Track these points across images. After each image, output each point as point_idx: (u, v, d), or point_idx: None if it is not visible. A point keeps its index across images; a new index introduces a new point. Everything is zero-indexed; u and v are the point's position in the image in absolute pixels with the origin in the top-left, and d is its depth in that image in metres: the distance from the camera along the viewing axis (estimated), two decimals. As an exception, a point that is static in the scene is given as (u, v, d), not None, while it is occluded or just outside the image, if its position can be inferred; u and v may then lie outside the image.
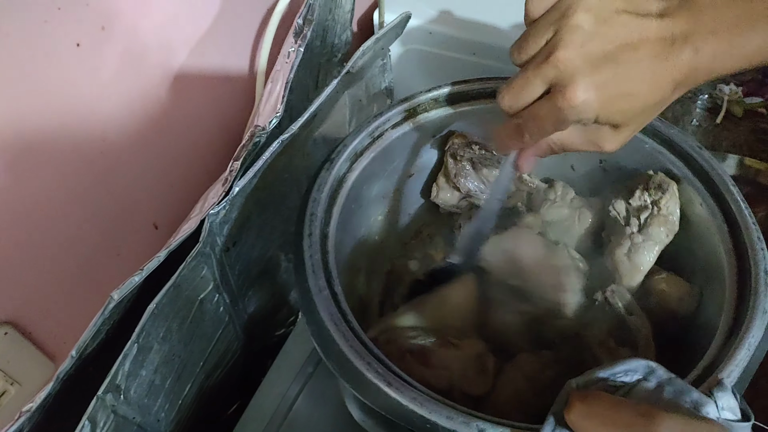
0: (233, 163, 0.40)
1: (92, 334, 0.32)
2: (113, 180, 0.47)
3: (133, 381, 0.38)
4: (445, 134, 0.56)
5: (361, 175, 0.49)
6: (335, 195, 0.46)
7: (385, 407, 0.34)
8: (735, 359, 0.35)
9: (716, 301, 0.41)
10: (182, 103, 0.52)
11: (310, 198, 0.44)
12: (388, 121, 0.51)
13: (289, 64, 0.44)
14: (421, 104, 0.52)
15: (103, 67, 0.43)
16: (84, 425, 0.33)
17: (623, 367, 0.30)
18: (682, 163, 0.48)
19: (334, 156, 0.47)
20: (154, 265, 0.35)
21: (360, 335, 0.37)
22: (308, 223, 0.43)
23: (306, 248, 0.41)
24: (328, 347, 0.37)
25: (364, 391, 0.35)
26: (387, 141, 0.51)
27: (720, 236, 0.43)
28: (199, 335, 0.47)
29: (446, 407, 0.33)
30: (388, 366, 0.36)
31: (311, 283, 0.39)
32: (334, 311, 0.38)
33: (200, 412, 0.55)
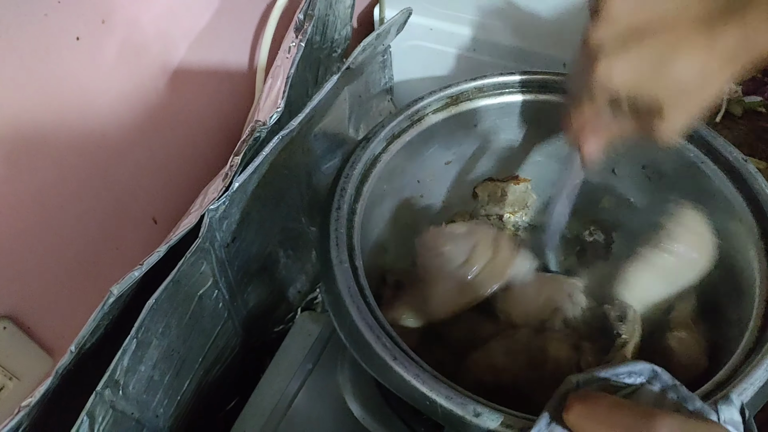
0: (234, 158, 0.39)
1: (91, 329, 0.32)
2: (112, 174, 0.47)
3: (132, 376, 0.38)
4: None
5: (396, 156, 0.49)
6: (368, 173, 0.47)
7: (389, 381, 0.35)
8: (751, 378, 0.34)
9: (743, 319, 0.40)
10: (182, 97, 0.52)
11: (342, 174, 0.45)
12: (429, 105, 0.51)
13: (290, 60, 0.44)
14: (464, 92, 0.52)
15: (102, 61, 0.43)
16: (82, 420, 0.33)
17: (627, 368, 0.30)
18: (724, 176, 0.45)
19: (370, 135, 0.48)
20: (154, 260, 0.35)
21: (374, 309, 0.38)
22: (338, 198, 0.43)
23: (333, 221, 0.42)
24: (342, 317, 0.38)
25: (371, 362, 0.36)
26: (426, 125, 0.51)
27: (756, 253, 0.42)
28: (198, 331, 0.47)
29: (447, 387, 0.34)
30: (397, 341, 0.37)
31: (333, 255, 0.40)
32: (352, 284, 0.39)
33: (199, 407, 0.54)
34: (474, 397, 0.33)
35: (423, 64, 0.69)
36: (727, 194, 0.45)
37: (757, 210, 0.43)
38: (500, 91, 0.52)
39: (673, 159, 0.49)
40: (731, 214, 0.45)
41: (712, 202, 0.46)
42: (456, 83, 0.51)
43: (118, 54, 0.44)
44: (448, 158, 0.56)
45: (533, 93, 0.52)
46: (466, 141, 0.55)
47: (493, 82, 0.52)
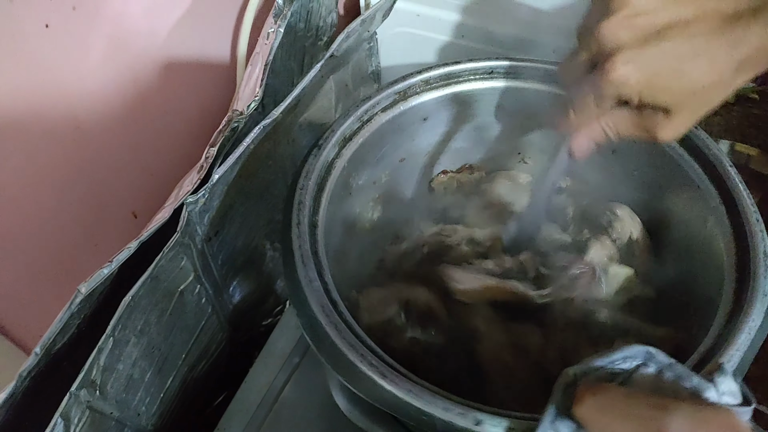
0: (209, 149, 0.38)
1: (58, 330, 0.31)
2: (89, 168, 0.46)
3: (109, 376, 0.37)
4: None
5: (350, 161, 0.47)
6: (324, 182, 0.45)
7: (380, 400, 0.33)
8: (735, 343, 0.34)
9: (715, 284, 0.40)
10: (161, 88, 0.50)
11: (298, 185, 0.43)
12: (377, 104, 0.49)
13: (269, 46, 0.43)
14: (411, 86, 0.50)
15: (75, 49, 0.41)
16: (57, 422, 0.32)
17: (622, 354, 0.30)
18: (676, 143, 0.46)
19: (321, 142, 0.46)
20: (124, 257, 0.33)
21: (352, 326, 0.36)
22: (296, 212, 0.41)
23: (294, 238, 0.40)
24: (320, 340, 0.36)
25: (358, 383, 0.34)
26: (377, 125, 0.49)
27: (717, 218, 0.42)
28: (180, 327, 0.46)
29: (443, 398, 0.32)
30: (382, 357, 0.35)
31: (301, 274, 0.38)
32: (326, 302, 0.37)
33: (185, 404, 0.54)
34: (473, 405, 0.32)
35: (410, 50, 0.67)
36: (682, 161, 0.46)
37: (713, 175, 0.44)
38: (446, 81, 0.51)
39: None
40: (690, 186, 0.45)
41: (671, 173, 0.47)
42: (402, 78, 0.50)
43: (92, 43, 0.42)
44: (401, 155, 0.54)
45: (480, 81, 0.52)
46: (417, 136, 0.54)
47: (438, 74, 0.51)
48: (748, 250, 0.39)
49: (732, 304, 0.37)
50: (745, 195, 0.42)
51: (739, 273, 0.38)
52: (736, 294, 0.37)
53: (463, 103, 0.53)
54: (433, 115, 0.53)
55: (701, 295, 0.43)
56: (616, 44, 0.31)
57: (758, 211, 0.41)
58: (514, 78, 0.52)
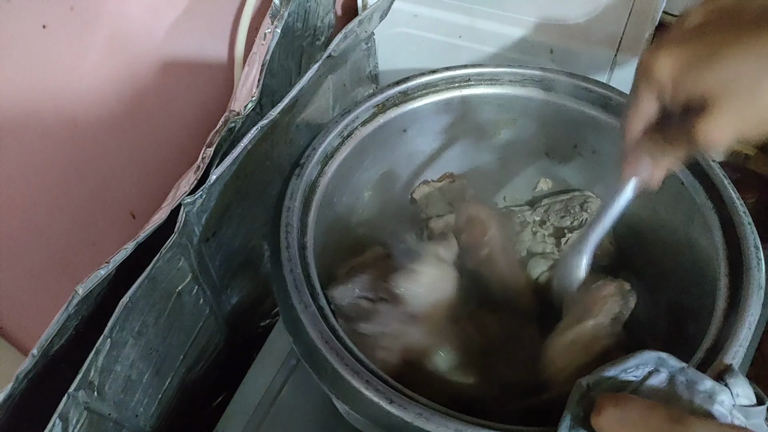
0: (206, 149, 0.38)
1: (56, 331, 0.31)
2: (87, 167, 0.46)
3: (107, 377, 0.37)
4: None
5: (333, 178, 0.46)
6: (309, 202, 0.44)
7: (389, 425, 0.32)
8: (737, 339, 0.34)
9: (710, 281, 0.40)
10: (159, 89, 0.50)
11: (284, 207, 0.41)
12: (357, 118, 0.48)
13: (265, 46, 0.43)
14: (389, 98, 0.50)
15: (72, 50, 0.41)
16: (55, 423, 0.32)
17: (634, 361, 0.30)
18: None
19: (303, 161, 0.45)
20: (121, 258, 0.33)
21: (354, 351, 0.35)
22: (284, 235, 0.40)
23: (285, 262, 0.38)
24: (321, 367, 0.34)
25: (365, 409, 0.33)
26: (358, 139, 0.48)
27: (705, 213, 0.42)
28: (177, 328, 0.46)
29: (453, 420, 0.32)
30: (387, 381, 0.34)
31: (295, 301, 0.36)
32: (324, 328, 0.35)
33: (183, 405, 0.54)
34: (486, 424, 0.32)
35: (408, 51, 0.67)
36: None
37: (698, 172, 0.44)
38: (424, 91, 0.51)
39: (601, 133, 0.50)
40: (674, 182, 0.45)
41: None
42: (380, 90, 0.50)
43: (90, 43, 0.42)
44: (383, 169, 0.54)
45: (457, 89, 0.51)
46: (398, 148, 0.53)
47: (416, 84, 0.50)
48: (738, 243, 0.39)
49: (728, 299, 0.37)
50: (730, 189, 0.42)
51: (732, 267, 0.39)
52: (731, 289, 0.38)
53: (441, 112, 0.53)
54: (411, 126, 0.52)
55: (694, 293, 0.43)
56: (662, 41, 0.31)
57: (744, 204, 0.41)
58: (491, 85, 0.52)
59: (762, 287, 0.37)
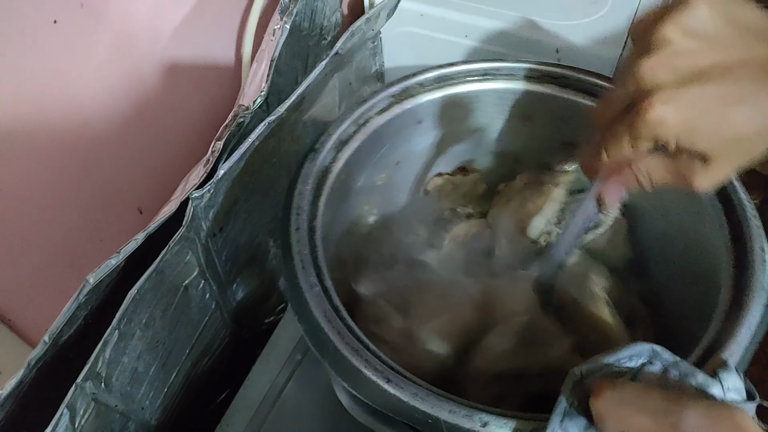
0: (215, 143, 0.38)
1: (66, 319, 0.31)
2: (95, 163, 0.46)
3: (114, 368, 0.37)
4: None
5: (346, 164, 0.47)
6: (321, 186, 0.45)
7: (386, 404, 0.33)
8: (737, 338, 0.34)
9: (714, 280, 0.40)
10: (167, 87, 0.51)
11: (296, 191, 0.43)
12: (373, 107, 0.49)
13: (274, 42, 0.43)
14: (407, 89, 0.50)
15: (82, 46, 0.42)
16: (62, 413, 0.33)
17: (628, 351, 0.30)
18: None
19: (318, 146, 0.46)
20: (131, 248, 0.34)
21: (355, 331, 0.36)
22: (294, 217, 0.41)
23: (294, 243, 0.40)
24: (323, 345, 0.36)
25: (363, 388, 0.34)
26: (372, 128, 0.49)
27: (714, 214, 0.42)
28: (184, 322, 0.46)
29: (448, 401, 0.32)
30: (386, 362, 0.35)
31: (302, 280, 0.38)
32: (327, 308, 0.37)
33: (188, 400, 0.54)
34: (479, 407, 0.32)
35: (414, 50, 0.68)
36: None
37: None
38: (441, 84, 0.51)
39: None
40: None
41: None
42: (397, 81, 0.50)
43: (99, 39, 0.43)
44: (397, 158, 0.54)
45: (475, 82, 0.52)
46: (413, 138, 0.54)
47: (433, 76, 0.51)
48: (745, 244, 0.39)
49: (731, 299, 0.37)
50: (740, 190, 0.42)
51: (737, 268, 0.39)
52: (735, 289, 0.38)
53: (457, 105, 0.53)
54: (427, 118, 0.53)
55: (698, 291, 0.43)
56: (655, 83, 0.30)
57: (754, 206, 0.41)
58: (508, 79, 0.52)
59: (766, 288, 0.37)
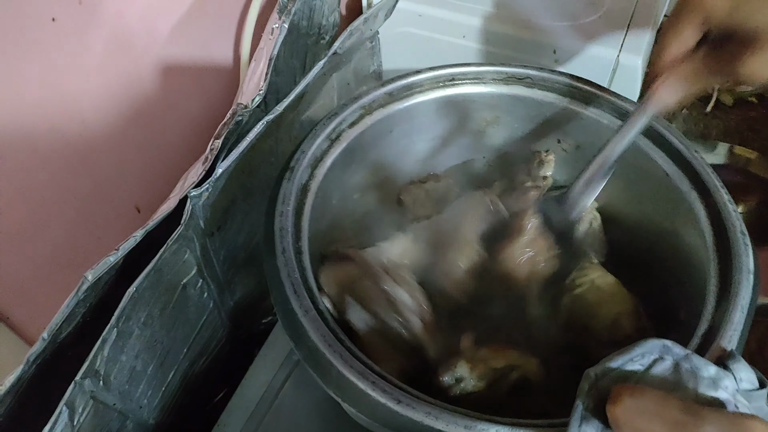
0: (214, 141, 0.39)
1: (65, 316, 0.31)
2: (93, 161, 0.46)
3: (113, 366, 0.37)
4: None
5: (324, 181, 0.46)
6: (301, 206, 0.43)
7: (397, 425, 0.32)
8: (732, 322, 0.35)
9: (699, 268, 0.41)
10: (165, 84, 0.51)
11: (276, 212, 0.41)
12: (344, 121, 0.48)
13: (273, 41, 0.43)
14: (375, 100, 0.50)
15: (81, 45, 0.42)
16: (61, 411, 0.32)
17: (639, 349, 0.30)
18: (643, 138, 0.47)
19: (293, 164, 0.45)
20: (130, 245, 0.34)
21: (357, 354, 0.35)
22: (279, 240, 0.40)
23: (282, 267, 0.38)
24: (326, 371, 0.34)
25: (372, 411, 0.33)
26: (345, 142, 0.48)
27: (690, 202, 0.43)
28: (182, 321, 0.46)
29: (463, 417, 0.32)
30: (393, 382, 0.34)
31: (295, 305, 0.36)
32: (326, 331, 0.35)
33: (185, 399, 0.54)
34: (496, 420, 0.32)
35: (412, 51, 0.68)
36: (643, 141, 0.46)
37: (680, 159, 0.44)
38: (409, 92, 0.51)
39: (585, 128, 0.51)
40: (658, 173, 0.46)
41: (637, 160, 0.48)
42: (366, 92, 0.50)
43: (97, 38, 0.43)
44: (371, 170, 0.54)
45: (442, 89, 0.52)
46: (385, 149, 0.53)
47: (401, 85, 0.51)
48: (725, 229, 0.40)
49: (718, 285, 0.38)
50: (713, 177, 0.43)
51: (720, 254, 0.39)
52: (721, 275, 0.38)
53: (427, 112, 0.53)
54: (397, 127, 0.53)
55: (683, 280, 0.44)
56: None
57: (727, 191, 0.42)
58: (476, 84, 0.52)
59: (751, 271, 0.37)
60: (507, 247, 0.46)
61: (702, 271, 0.40)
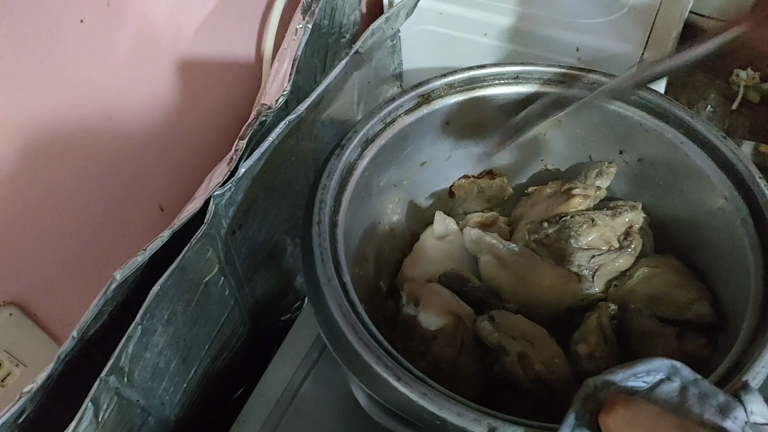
0: (239, 142, 0.39)
1: (94, 315, 0.32)
2: (119, 161, 0.47)
3: (137, 363, 0.38)
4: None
5: (371, 162, 0.48)
6: (345, 182, 0.45)
7: (394, 402, 0.33)
8: (762, 360, 0.33)
9: (741, 297, 0.39)
10: (189, 84, 0.51)
11: (320, 185, 0.43)
12: (401, 107, 0.49)
13: (297, 41, 0.43)
14: (435, 90, 0.51)
15: (108, 45, 0.42)
16: (87, 407, 0.33)
17: (645, 366, 0.29)
18: (704, 154, 0.46)
19: (344, 142, 0.46)
20: (157, 245, 0.34)
21: (369, 327, 0.36)
22: (317, 211, 0.42)
23: (315, 236, 0.40)
24: (337, 339, 0.36)
25: (373, 384, 0.34)
26: (399, 127, 0.49)
27: (745, 230, 0.41)
28: (204, 318, 0.47)
29: (457, 403, 0.32)
30: (398, 359, 0.35)
31: (320, 273, 0.38)
32: (343, 302, 0.37)
33: (206, 396, 0.54)
34: (487, 411, 0.32)
35: (433, 49, 0.67)
36: (710, 172, 0.45)
37: (741, 186, 0.43)
38: (470, 86, 0.51)
39: (649, 142, 0.49)
40: (715, 192, 0.45)
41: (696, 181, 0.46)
42: (426, 81, 0.50)
43: (125, 39, 0.43)
44: (422, 159, 0.54)
45: (504, 86, 0.52)
46: (439, 140, 0.54)
47: (462, 78, 0.51)
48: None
49: (758, 319, 0.36)
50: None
51: (766, 287, 0.38)
52: (763, 310, 0.37)
53: (486, 107, 0.53)
54: (456, 119, 0.53)
55: (729, 309, 0.43)
56: None
57: None
58: (539, 84, 0.52)
59: None
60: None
61: (746, 302, 0.38)
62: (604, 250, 0.48)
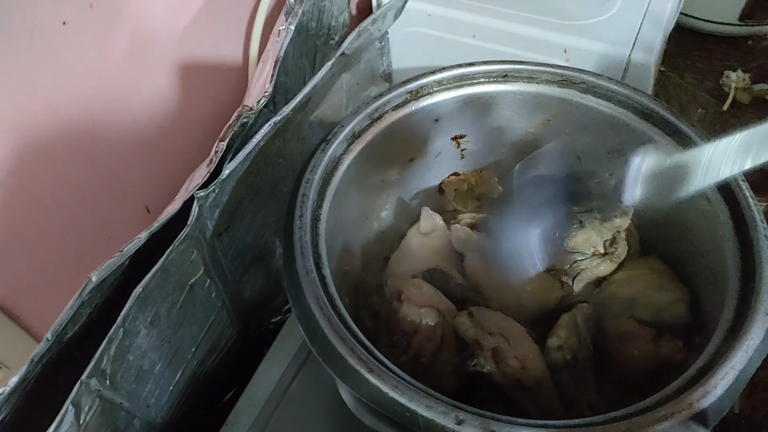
0: (219, 143, 0.39)
1: (69, 317, 0.32)
2: (103, 163, 0.47)
3: (119, 366, 0.38)
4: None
5: (358, 157, 0.47)
6: (329, 177, 0.45)
7: (367, 394, 0.34)
8: (731, 361, 0.33)
9: (720, 299, 0.39)
10: (176, 86, 0.51)
11: (303, 179, 0.43)
12: (388, 102, 0.49)
13: (279, 43, 0.43)
14: (424, 86, 0.50)
15: (91, 47, 0.42)
16: (67, 409, 0.33)
17: None
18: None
19: (330, 137, 0.46)
20: (134, 247, 0.34)
21: (346, 320, 0.37)
22: (299, 205, 0.42)
23: (296, 230, 0.40)
24: (313, 331, 0.36)
25: (347, 377, 0.35)
26: (386, 123, 0.49)
27: (725, 233, 0.41)
28: (190, 320, 0.46)
29: (426, 396, 0.33)
30: (372, 352, 0.35)
31: (298, 266, 0.39)
32: (321, 295, 0.37)
33: (194, 398, 0.54)
34: (456, 404, 0.32)
35: (422, 50, 0.67)
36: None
37: (723, 188, 0.42)
38: (459, 83, 0.51)
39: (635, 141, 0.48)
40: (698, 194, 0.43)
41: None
42: (415, 78, 0.50)
43: (108, 40, 0.43)
44: (411, 155, 0.54)
45: (494, 83, 0.51)
46: (428, 137, 0.53)
47: (452, 75, 0.51)
48: (754, 267, 0.38)
49: (732, 321, 0.36)
50: (756, 212, 0.41)
51: (742, 291, 0.38)
52: (738, 311, 0.37)
53: (475, 105, 0.52)
54: (445, 117, 0.53)
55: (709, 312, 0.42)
56: None
57: (767, 227, 0.40)
58: (528, 82, 0.51)
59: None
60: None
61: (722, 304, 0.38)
62: (587, 255, 0.48)
